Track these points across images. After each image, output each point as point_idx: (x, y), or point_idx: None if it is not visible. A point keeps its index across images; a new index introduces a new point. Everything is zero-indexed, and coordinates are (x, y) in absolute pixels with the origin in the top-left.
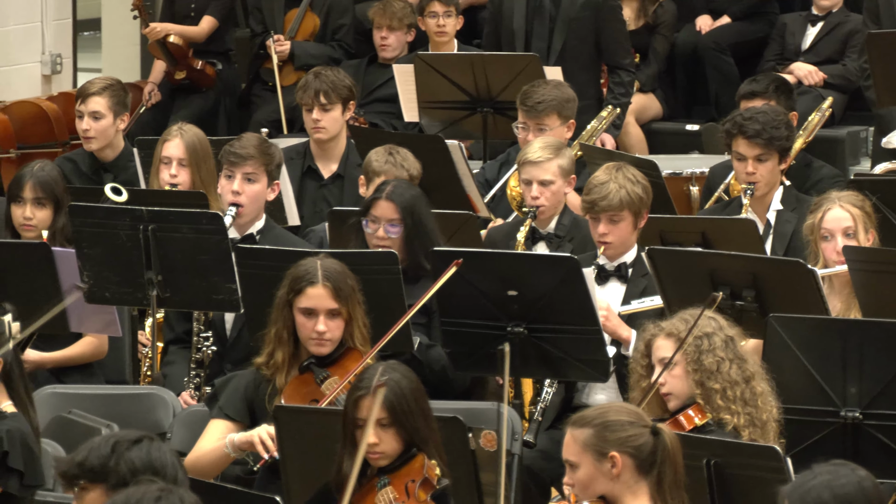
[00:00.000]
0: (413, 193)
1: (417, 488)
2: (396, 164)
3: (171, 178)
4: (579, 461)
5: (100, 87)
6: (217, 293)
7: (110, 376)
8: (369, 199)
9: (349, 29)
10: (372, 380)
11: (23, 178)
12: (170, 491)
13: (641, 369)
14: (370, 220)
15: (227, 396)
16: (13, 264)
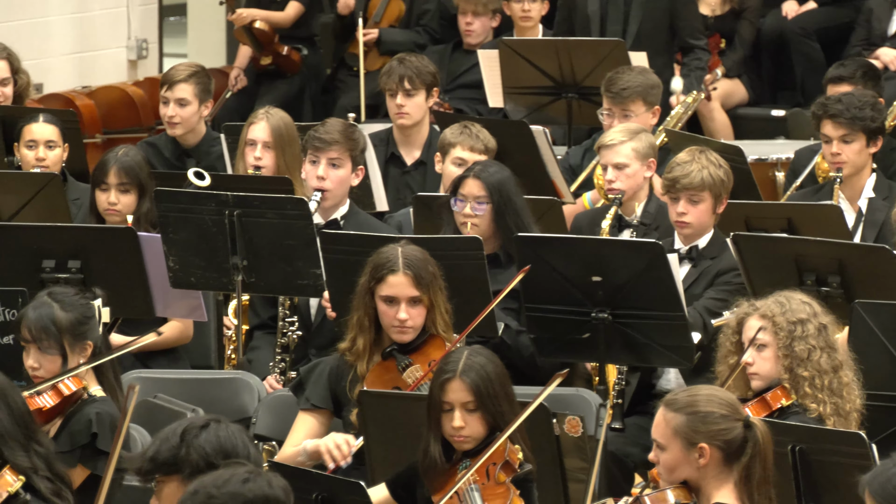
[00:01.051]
0: (502, 174)
1: (498, 471)
2: (472, 135)
3: (256, 161)
4: (668, 444)
5: (186, 74)
6: (302, 278)
7: (196, 361)
8: (458, 177)
9: (434, 14)
10: (458, 363)
11: (107, 163)
12: (258, 473)
13: (731, 345)
14: (458, 198)
15: (312, 385)
16: (99, 249)
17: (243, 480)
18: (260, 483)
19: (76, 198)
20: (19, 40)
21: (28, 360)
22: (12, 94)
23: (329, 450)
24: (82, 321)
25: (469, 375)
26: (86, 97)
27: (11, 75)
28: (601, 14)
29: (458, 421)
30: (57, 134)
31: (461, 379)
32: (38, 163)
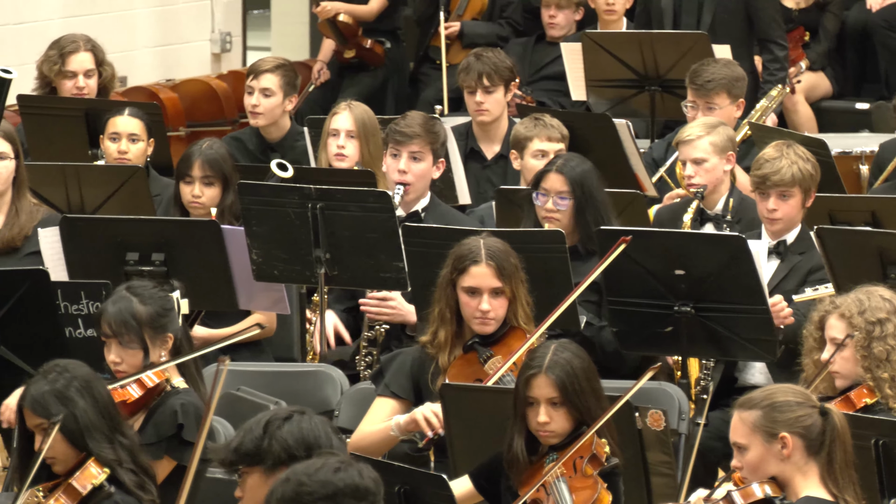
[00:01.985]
0: (584, 167)
1: (585, 464)
2: (546, 126)
3: (339, 150)
4: (748, 443)
5: (272, 64)
6: (384, 271)
7: (279, 354)
8: (539, 172)
9: (517, 6)
10: (544, 359)
11: (191, 156)
12: (349, 464)
13: (814, 341)
14: (540, 192)
15: (392, 374)
16: (183, 242)
17: (335, 469)
18: (351, 473)
19: (157, 194)
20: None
21: (109, 356)
22: (97, 87)
23: (427, 418)
24: (162, 314)
25: (555, 371)
26: (169, 90)
27: (96, 67)
28: (675, 6)
29: (543, 416)
30: (141, 128)
31: (547, 374)
32: (120, 156)
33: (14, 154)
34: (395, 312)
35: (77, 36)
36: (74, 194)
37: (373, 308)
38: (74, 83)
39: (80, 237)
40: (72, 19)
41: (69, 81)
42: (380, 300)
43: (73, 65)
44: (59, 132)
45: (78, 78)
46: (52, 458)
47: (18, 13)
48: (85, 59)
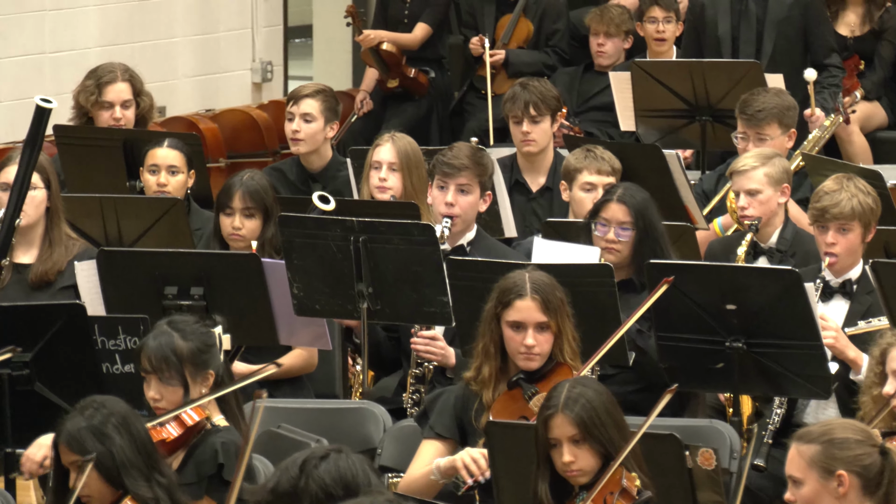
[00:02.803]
0: (644, 196)
1: (616, 499)
2: (597, 158)
3: (381, 182)
4: (804, 478)
5: (312, 90)
6: (429, 305)
7: (320, 390)
8: (599, 201)
9: (564, 35)
10: (560, 397)
11: (232, 187)
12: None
13: (874, 376)
14: (599, 222)
15: (437, 414)
16: (223, 275)
17: None
18: None
19: (198, 228)
20: (143, 62)
21: (149, 392)
22: (134, 117)
23: (466, 464)
24: (203, 350)
25: (572, 408)
26: (209, 120)
27: (133, 98)
28: (733, 35)
29: (567, 456)
30: (181, 160)
31: (564, 413)
32: (159, 188)
33: (45, 184)
34: (444, 353)
35: (115, 65)
36: (112, 227)
37: (421, 347)
38: (111, 114)
39: (117, 270)
40: (111, 48)
41: (106, 112)
42: (429, 339)
43: (109, 95)
44: (97, 163)
45: (115, 109)
46: (87, 496)
47: (56, 41)
48: (122, 89)
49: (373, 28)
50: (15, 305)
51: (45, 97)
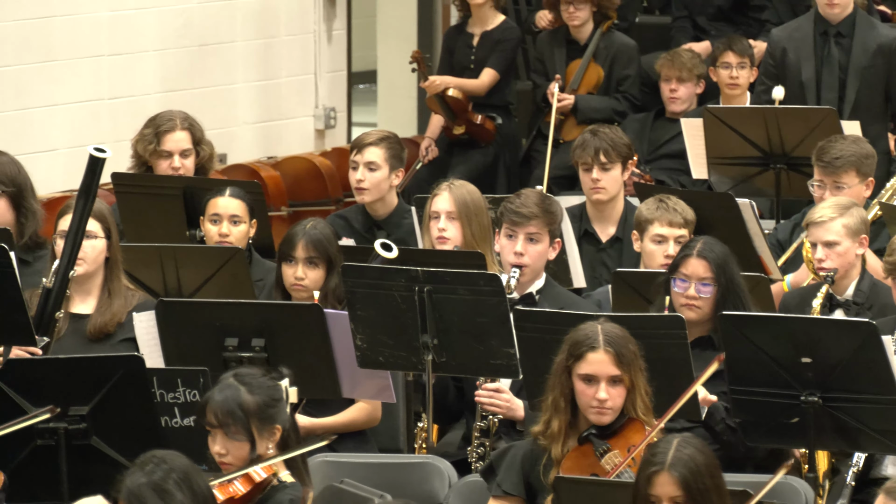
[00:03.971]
0: (723, 250)
1: None
2: (669, 209)
3: (440, 233)
4: None
5: (377, 137)
6: (495, 358)
7: (384, 444)
8: (679, 256)
9: (634, 80)
10: (666, 455)
11: (295, 236)
12: None
13: None
14: (679, 278)
15: (504, 471)
16: (284, 326)
17: None
18: None
19: (259, 279)
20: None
21: (214, 447)
22: (193, 167)
23: None
24: (270, 404)
25: (678, 468)
26: (271, 168)
27: (193, 146)
28: (816, 80)
29: None
30: (243, 209)
31: (670, 472)
32: (221, 238)
33: (105, 234)
34: (509, 406)
35: (174, 113)
36: (171, 277)
37: (485, 399)
38: (170, 163)
39: (176, 322)
40: (170, 94)
41: (165, 161)
42: (493, 391)
43: (168, 144)
44: (156, 212)
45: (174, 158)
46: None
47: (114, 88)
48: (181, 138)
49: (438, 74)
50: (72, 358)
51: (99, 146)
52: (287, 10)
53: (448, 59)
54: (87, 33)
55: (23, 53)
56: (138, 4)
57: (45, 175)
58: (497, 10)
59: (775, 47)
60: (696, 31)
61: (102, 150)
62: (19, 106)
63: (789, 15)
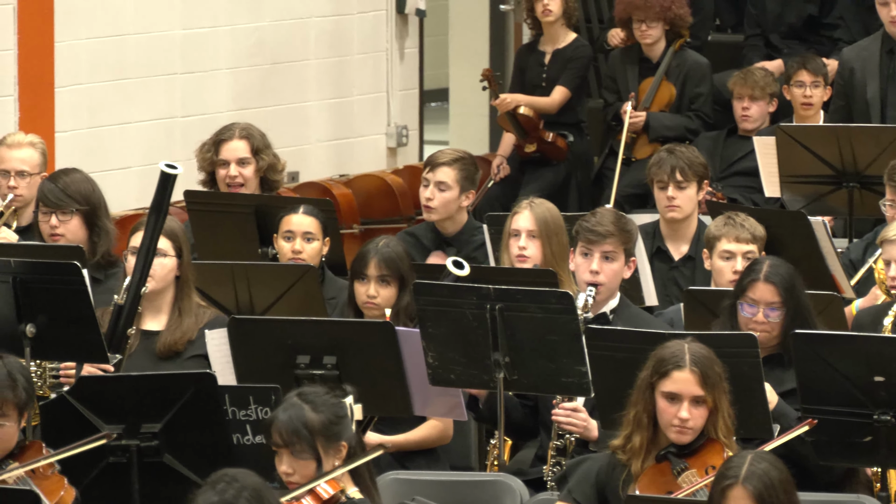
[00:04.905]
0: (789, 271)
1: None
2: (736, 225)
3: (521, 251)
4: None
5: (450, 157)
6: (566, 376)
7: (455, 462)
8: (746, 281)
9: (707, 98)
10: (740, 469)
11: (367, 254)
12: None
13: None
14: (746, 303)
15: (577, 479)
16: (356, 344)
17: None
18: None
19: (332, 296)
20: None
21: (281, 466)
22: (254, 176)
23: None
24: (335, 421)
25: (752, 482)
26: (343, 186)
27: (252, 156)
28: (881, 98)
29: None
30: (316, 226)
31: (744, 486)
32: (294, 256)
33: (176, 252)
34: (585, 425)
35: (236, 124)
36: (244, 294)
37: (563, 418)
38: (227, 172)
39: (248, 339)
40: (243, 112)
41: (223, 170)
42: (570, 411)
43: (225, 153)
44: (228, 230)
45: (230, 166)
46: None
47: (187, 106)
48: (238, 147)
49: (510, 92)
50: (145, 375)
51: (171, 163)
52: (360, 28)
53: (520, 77)
54: (160, 51)
55: (97, 71)
56: (212, 23)
57: (118, 193)
58: (569, 28)
59: (844, 66)
60: (768, 49)
61: (174, 166)
62: (93, 124)
63: (862, 33)
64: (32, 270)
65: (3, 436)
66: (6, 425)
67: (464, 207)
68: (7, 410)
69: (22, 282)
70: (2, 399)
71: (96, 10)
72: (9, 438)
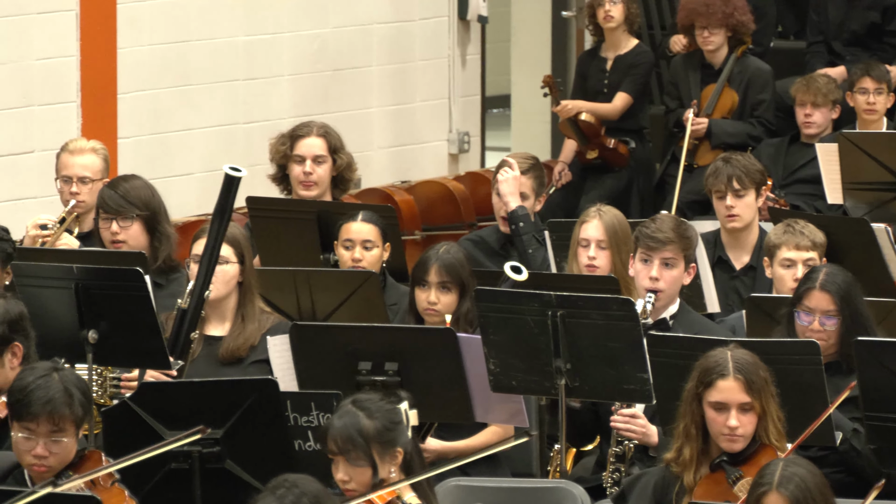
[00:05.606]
0: (846, 278)
1: None
2: (796, 233)
3: (590, 261)
4: None
5: (526, 167)
6: (628, 383)
7: (516, 469)
8: (802, 289)
9: (769, 105)
10: (774, 475)
11: (428, 261)
12: None
13: None
14: (803, 311)
15: (635, 497)
16: (417, 351)
17: None
18: None
19: (393, 303)
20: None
21: (338, 474)
22: (328, 175)
23: None
24: (390, 428)
25: (787, 488)
26: (405, 192)
27: (329, 154)
28: None
29: None
30: (376, 233)
31: (778, 492)
32: (354, 263)
33: (238, 259)
34: (644, 431)
35: (314, 122)
36: (305, 301)
37: (621, 425)
38: (302, 168)
39: (310, 345)
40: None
41: (297, 167)
42: (629, 417)
43: (301, 149)
44: (290, 236)
45: (306, 163)
46: None
47: (249, 112)
48: (315, 144)
49: (572, 98)
50: (207, 381)
51: (235, 166)
52: (422, 34)
53: (581, 83)
54: (223, 58)
55: (159, 78)
56: (274, 29)
57: (180, 199)
58: (631, 34)
59: None
60: (831, 55)
61: (238, 169)
62: (155, 130)
63: None
64: (94, 276)
65: (61, 450)
66: (63, 440)
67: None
68: (64, 426)
69: (84, 288)
70: (59, 415)
71: (159, 17)
72: (67, 453)
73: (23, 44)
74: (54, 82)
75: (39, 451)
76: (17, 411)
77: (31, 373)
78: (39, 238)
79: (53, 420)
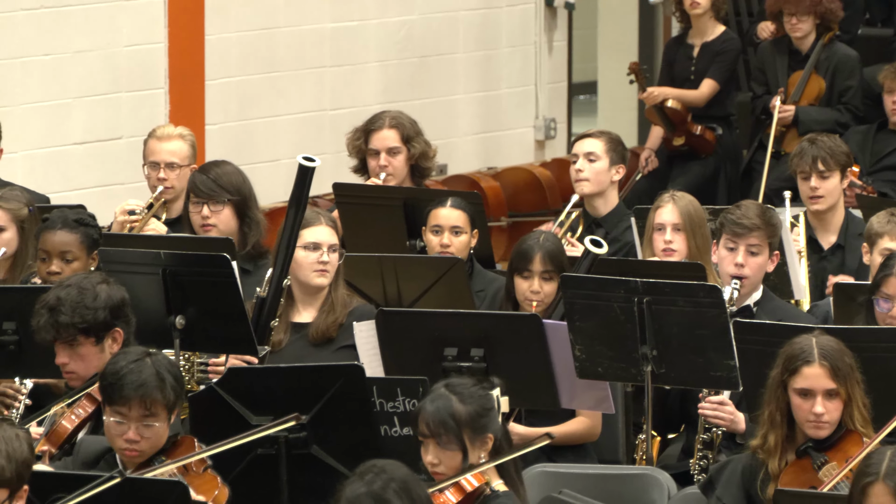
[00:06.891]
0: None
1: None
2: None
3: (666, 245)
4: None
5: (596, 130)
6: (714, 370)
7: (603, 455)
8: (880, 276)
9: (857, 92)
10: (881, 465)
11: (531, 250)
12: None
13: None
14: (882, 297)
15: (723, 485)
16: (503, 337)
17: None
18: None
19: (480, 289)
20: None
21: (427, 456)
22: (405, 164)
23: None
24: (482, 413)
25: (894, 479)
26: (491, 179)
27: (403, 144)
28: None
29: None
30: (464, 220)
31: (885, 483)
32: (442, 249)
33: (341, 244)
34: (732, 419)
35: (387, 112)
36: (391, 287)
37: (709, 412)
38: (377, 161)
39: (396, 331)
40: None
41: (373, 160)
42: (717, 404)
43: (375, 142)
44: (377, 222)
45: (381, 156)
46: None
47: (335, 99)
48: (388, 136)
49: (659, 85)
50: (293, 367)
51: (309, 156)
52: (508, 21)
53: (668, 70)
54: (310, 45)
55: (247, 65)
56: (361, 16)
57: (268, 185)
58: (718, 20)
59: None
60: None
61: (312, 158)
62: (243, 117)
63: None
64: (182, 262)
65: (153, 435)
66: (155, 425)
67: (615, 183)
68: (156, 410)
69: (172, 274)
70: (151, 399)
71: (246, 4)
72: (158, 437)
73: (111, 31)
74: (142, 69)
75: (131, 435)
76: (110, 395)
77: (123, 357)
78: (127, 224)
79: (145, 404)
